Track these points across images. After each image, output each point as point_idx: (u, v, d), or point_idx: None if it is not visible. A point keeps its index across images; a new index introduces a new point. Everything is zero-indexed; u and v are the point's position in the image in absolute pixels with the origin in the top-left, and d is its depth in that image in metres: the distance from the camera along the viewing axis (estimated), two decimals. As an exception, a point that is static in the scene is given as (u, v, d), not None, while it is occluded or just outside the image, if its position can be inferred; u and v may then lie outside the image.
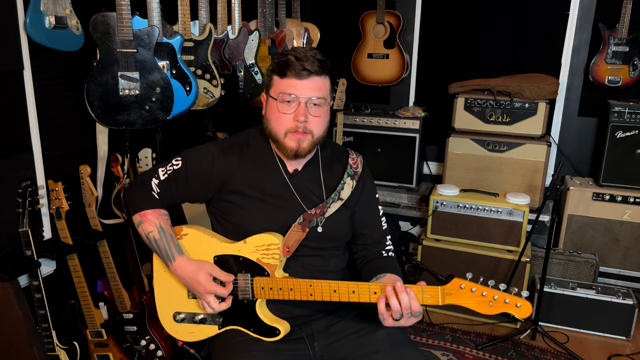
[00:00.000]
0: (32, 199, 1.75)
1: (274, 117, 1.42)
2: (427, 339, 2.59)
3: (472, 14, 3.19)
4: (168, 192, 1.48)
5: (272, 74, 1.43)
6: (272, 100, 1.42)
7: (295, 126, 1.39)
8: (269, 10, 2.61)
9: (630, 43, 2.81)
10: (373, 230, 1.58)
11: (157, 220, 1.46)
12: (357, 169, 1.55)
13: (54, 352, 1.83)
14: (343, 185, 1.50)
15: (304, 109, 1.38)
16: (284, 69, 1.38)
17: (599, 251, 2.84)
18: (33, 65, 1.79)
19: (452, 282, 1.23)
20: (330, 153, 1.56)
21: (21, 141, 1.81)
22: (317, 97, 1.39)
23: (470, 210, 2.67)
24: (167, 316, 1.52)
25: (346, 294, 1.32)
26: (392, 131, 3.17)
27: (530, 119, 2.87)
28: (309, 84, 1.38)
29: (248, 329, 1.43)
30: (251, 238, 1.40)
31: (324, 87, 1.41)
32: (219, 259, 1.43)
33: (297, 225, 1.43)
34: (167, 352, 2.09)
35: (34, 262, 1.75)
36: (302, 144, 1.41)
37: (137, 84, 1.91)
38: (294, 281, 1.36)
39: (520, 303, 1.19)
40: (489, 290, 1.21)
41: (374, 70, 3.32)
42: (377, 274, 1.47)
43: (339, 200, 1.49)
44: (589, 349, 2.51)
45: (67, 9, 1.77)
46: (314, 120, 1.40)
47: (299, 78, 1.37)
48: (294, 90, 1.37)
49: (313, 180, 1.51)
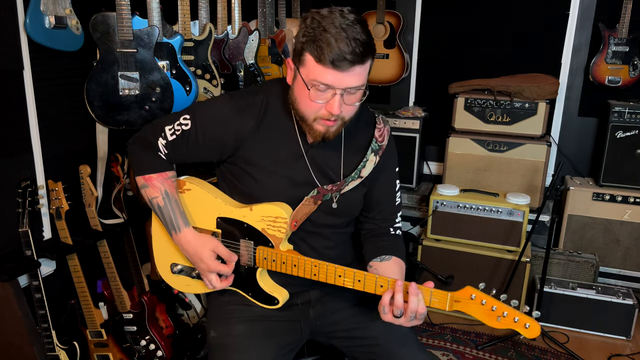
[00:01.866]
0: (32, 199, 1.75)
1: (303, 100, 1.24)
2: (427, 339, 2.59)
3: (472, 14, 3.18)
4: (177, 153, 1.38)
5: (305, 48, 1.19)
6: (300, 83, 1.23)
7: (327, 115, 1.23)
8: (269, 10, 2.61)
9: (630, 43, 2.81)
10: (386, 205, 1.48)
11: (163, 185, 1.38)
12: (382, 142, 1.42)
13: (54, 352, 1.83)
14: (365, 162, 1.38)
15: (340, 100, 1.20)
16: (321, 51, 1.15)
17: (599, 251, 2.84)
18: (33, 65, 1.79)
19: (463, 290, 1.19)
20: (356, 120, 1.35)
21: (21, 141, 1.81)
22: (356, 87, 1.21)
23: (470, 210, 2.67)
24: (164, 265, 1.50)
25: (351, 281, 1.27)
26: (392, 131, 3.15)
27: (530, 119, 2.87)
28: (348, 76, 1.17)
29: (247, 293, 1.41)
30: (258, 206, 1.33)
31: (364, 73, 1.21)
32: (222, 221, 1.38)
33: (309, 199, 1.33)
34: (167, 352, 2.09)
35: (34, 262, 1.75)
36: (331, 129, 1.28)
37: (137, 84, 1.91)
38: (299, 258, 1.31)
39: (529, 323, 1.15)
40: (500, 305, 1.16)
41: (374, 70, 3.30)
42: (382, 255, 1.40)
43: (359, 179, 1.39)
44: (589, 349, 2.51)
45: (67, 9, 1.77)
46: (347, 109, 1.25)
47: (338, 70, 1.16)
48: (330, 82, 1.18)
49: (332, 152, 1.38)
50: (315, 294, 1.47)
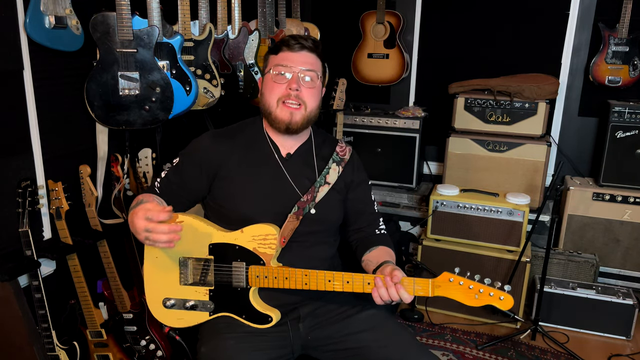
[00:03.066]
0: (32, 199, 1.75)
1: (268, 89, 1.48)
2: (427, 339, 2.59)
3: (472, 14, 3.18)
4: (167, 185, 1.51)
5: (268, 55, 1.53)
6: (267, 76, 1.49)
7: (288, 94, 1.44)
8: (269, 10, 2.61)
9: (630, 43, 2.81)
10: (367, 216, 1.63)
11: (144, 197, 1.46)
12: (344, 156, 1.60)
13: (54, 352, 1.83)
14: (328, 170, 1.55)
15: (297, 78, 1.44)
16: (278, 46, 1.48)
17: (599, 251, 2.84)
18: (33, 65, 1.79)
19: (441, 276, 1.30)
20: (323, 139, 1.63)
21: (21, 141, 1.81)
22: (309, 69, 1.46)
23: (470, 210, 2.67)
24: (155, 301, 1.51)
25: (340, 284, 1.36)
26: (392, 131, 3.17)
27: (530, 119, 2.87)
28: (301, 57, 1.46)
29: (240, 316, 1.44)
30: (248, 228, 1.41)
31: (316, 63, 1.48)
32: (215, 247, 1.43)
33: (292, 216, 1.46)
34: (167, 352, 2.09)
35: (34, 262, 1.75)
36: (295, 117, 1.45)
37: (137, 84, 1.91)
38: (290, 270, 1.38)
39: (502, 296, 1.28)
40: (475, 284, 1.29)
41: (374, 70, 3.31)
42: (370, 247, 1.55)
43: (326, 185, 1.53)
44: (589, 349, 2.51)
45: (67, 9, 1.77)
46: (306, 92, 1.46)
47: (292, 51, 1.45)
48: (287, 62, 1.45)
49: (306, 163, 1.55)
50: (304, 310, 1.50)
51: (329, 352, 1.48)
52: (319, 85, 1.50)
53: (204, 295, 1.45)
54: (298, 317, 1.50)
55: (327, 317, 1.50)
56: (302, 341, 1.49)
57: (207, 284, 1.45)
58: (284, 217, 1.46)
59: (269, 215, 1.44)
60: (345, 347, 1.45)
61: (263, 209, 1.46)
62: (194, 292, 1.46)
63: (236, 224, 1.43)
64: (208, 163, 1.49)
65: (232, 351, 1.38)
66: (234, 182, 1.48)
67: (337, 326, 1.48)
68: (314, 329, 1.49)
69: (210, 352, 1.39)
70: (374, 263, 1.45)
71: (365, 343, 1.43)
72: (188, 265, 1.45)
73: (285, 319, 1.48)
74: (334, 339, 1.47)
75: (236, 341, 1.40)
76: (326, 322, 1.49)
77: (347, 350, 1.45)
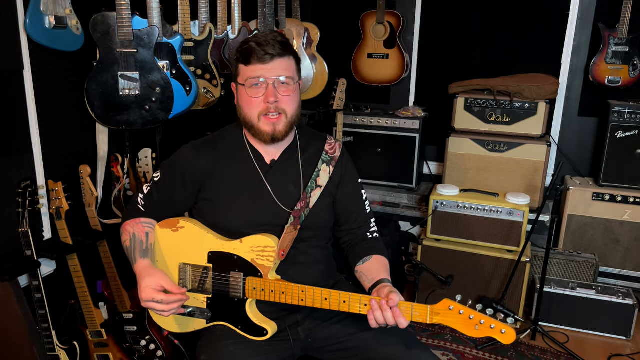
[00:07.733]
0: (32, 199, 1.75)
1: (245, 103, 1.42)
2: (427, 339, 2.59)
3: (472, 14, 3.18)
4: (152, 202, 1.50)
5: (237, 63, 1.45)
6: (241, 88, 1.43)
7: (267, 107, 1.39)
8: (269, 10, 2.61)
9: (630, 43, 2.81)
10: (357, 215, 1.58)
11: (133, 229, 1.47)
12: (333, 154, 1.54)
13: (54, 352, 1.83)
14: (318, 172, 1.50)
15: (273, 90, 1.39)
16: (247, 57, 1.39)
17: (599, 251, 2.84)
18: (33, 65, 1.79)
19: (441, 303, 1.25)
20: (308, 138, 1.56)
21: (21, 141, 1.81)
22: (284, 76, 1.40)
23: (470, 210, 2.67)
24: None
25: (337, 303, 1.33)
26: (392, 131, 3.17)
27: (530, 119, 2.87)
28: (274, 67, 1.39)
29: (236, 326, 1.44)
30: (247, 238, 1.40)
31: (289, 67, 1.42)
32: (214, 255, 1.43)
33: (289, 227, 1.43)
34: (167, 352, 2.09)
35: (34, 262, 1.75)
36: (278, 126, 1.42)
37: (137, 84, 1.91)
38: (286, 285, 1.36)
39: (505, 329, 1.22)
40: (476, 314, 1.23)
41: (374, 70, 3.32)
42: (363, 257, 1.50)
43: (318, 188, 1.50)
44: (589, 349, 2.51)
45: (67, 9, 1.77)
46: (284, 100, 1.41)
47: (263, 63, 1.38)
48: (260, 75, 1.38)
49: (291, 169, 1.51)
50: (301, 313, 1.50)
51: (329, 352, 1.48)
52: (296, 87, 1.44)
53: (202, 302, 1.45)
54: (296, 321, 1.49)
55: (327, 318, 1.49)
56: (302, 344, 1.49)
57: (205, 292, 1.44)
58: (272, 228, 1.42)
59: (256, 227, 1.42)
60: (346, 347, 1.45)
61: (249, 223, 1.43)
62: (193, 298, 1.46)
63: (226, 236, 1.43)
64: (191, 177, 1.46)
65: (234, 357, 1.37)
66: (217, 196, 1.46)
67: (336, 327, 1.48)
68: (313, 331, 1.49)
69: (211, 359, 1.39)
70: (369, 279, 1.43)
71: (365, 342, 1.43)
72: (187, 271, 1.45)
73: (284, 324, 1.47)
74: (334, 340, 1.46)
75: (235, 347, 1.40)
76: (325, 324, 1.49)
77: (347, 350, 1.44)
